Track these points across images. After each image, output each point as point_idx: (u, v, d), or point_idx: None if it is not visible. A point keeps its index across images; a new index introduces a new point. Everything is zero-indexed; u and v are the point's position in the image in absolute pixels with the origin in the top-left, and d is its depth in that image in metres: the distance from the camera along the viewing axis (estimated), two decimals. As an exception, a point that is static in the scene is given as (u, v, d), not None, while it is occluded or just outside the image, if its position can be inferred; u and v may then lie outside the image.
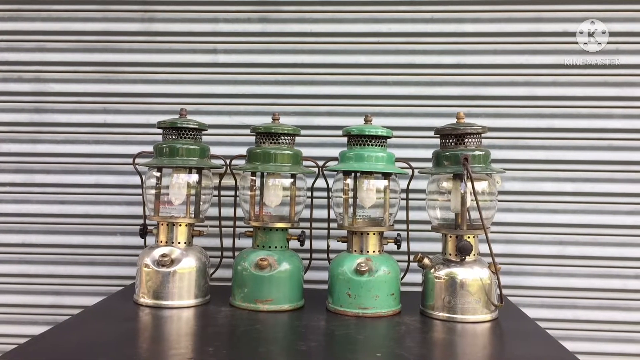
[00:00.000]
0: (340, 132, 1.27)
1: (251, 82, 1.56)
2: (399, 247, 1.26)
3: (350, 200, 1.25)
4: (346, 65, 1.55)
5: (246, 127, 1.35)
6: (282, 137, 1.25)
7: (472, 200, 1.14)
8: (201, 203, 1.29)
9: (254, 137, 1.28)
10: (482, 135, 1.20)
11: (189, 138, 1.26)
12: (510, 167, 1.50)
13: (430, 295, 1.19)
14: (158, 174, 1.28)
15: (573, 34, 1.52)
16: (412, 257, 1.23)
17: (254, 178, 1.27)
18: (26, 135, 1.58)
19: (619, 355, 1.50)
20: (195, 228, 1.28)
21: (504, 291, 1.18)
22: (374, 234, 1.22)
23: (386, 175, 1.24)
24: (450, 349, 1.04)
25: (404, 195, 1.32)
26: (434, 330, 1.11)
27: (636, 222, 1.51)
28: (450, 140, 1.20)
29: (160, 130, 1.29)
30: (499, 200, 1.26)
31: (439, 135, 1.23)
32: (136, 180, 1.40)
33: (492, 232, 1.19)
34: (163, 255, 1.20)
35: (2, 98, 1.58)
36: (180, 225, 1.25)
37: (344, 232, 1.26)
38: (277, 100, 1.55)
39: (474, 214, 1.19)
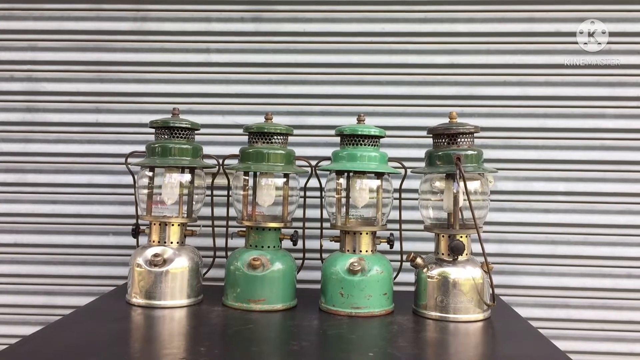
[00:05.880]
0: (333, 132, 1.27)
1: (244, 81, 1.56)
2: (391, 246, 1.26)
3: (343, 200, 1.25)
4: (339, 64, 1.55)
5: (239, 126, 1.35)
6: (275, 137, 1.25)
7: (464, 199, 1.14)
8: (194, 203, 1.29)
9: (247, 137, 1.28)
10: (475, 135, 1.21)
11: (181, 138, 1.26)
12: (503, 166, 1.50)
13: (422, 295, 1.19)
14: (150, 174, 1.27)
15: (567, 34, 1.52)
16: (404, 257, 1.23)
17: (247, 178, 1.27)
18: (18, 134, 1.57)
19: (611, 354, 1.50)
20: (188, 228, 1.28)
21: (497, 290, 1.18)
22: (367, 233, 1.22)
23: (379, 175, 1.24)
24: (442, 348, 1.04)
25: (396, 195, 1.32)
26: (426, 330, 1.11)
27: (628, 221, 1.51)
28: (443, 140, 1.20)
29: (153, 130, 1.28)
30: (491, 200, 1.26)
31: (431, 135, 1.23)
32: (129, 179, 1.40)
33: (484, 232, 1.19)
34: (155, 255, 1.20)
35: (-6, 97, 1.58)
36: (172, 225, 1.24)
37: (336, 232, 1.26)
38: (270, 100, 1.55)
39: (467, 214, 1.19)
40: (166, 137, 1.26)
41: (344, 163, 1.21)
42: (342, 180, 1.25)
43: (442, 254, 1.19)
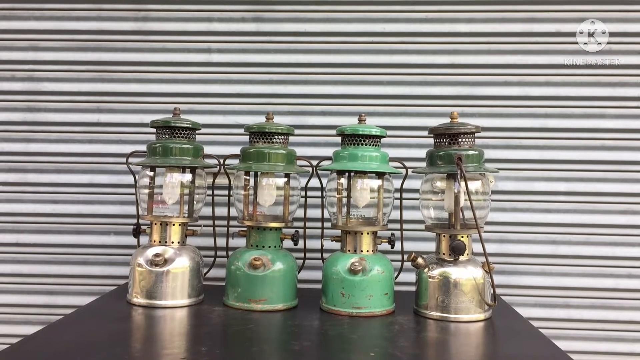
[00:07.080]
0: (334, 132, 1.27)
1: (245, 81, 1.56)
2: (392, 246, 1.26)
3: (344, 200, 1.25)
4: (340, 64, 1.55)
5: (240, 126, 1.35)
6: (276, 137, 1.25)
7: (465, 199, 1.14)
8: (195, 202, 1.29)
9: (248, 137, 1.28)
10: (476, 134, 1.21)
11: (182, 137, 1.26)
12: (504, 166, 1.50)
13: (423, 295, 1.19)
14: (151, 174, 1.27)
15: (567, 34, 1.53)
16: (405, 257, 1.23)
17: (248, 177, 1.27)
18: (19, 134, 1.57)
19: (611, 354, 1.50)
20: (189, 227, 1.28)
21: (498, 290, 1.18)
22: (368, 233, 1.22)
23: (380, 175, 1.24)
24: (443, 348, 1.04)
25: (397, 195, 1.32)
26: (427, 330, 1.11)
27: (628, 221, 1.52)
28: (444, 140, 1.20)
29: (154, 130, 1.28)
30: (492, 200, 1.26)
31: (432, 135, 1.23)
32: (130, 179, 1.40)
33: (485, 232, 1.19)
34: (156, 255, 1.20)
35: (-5, 97, 1.58)
36: (173, 224, 1.24)
37: (337, 232, 1.26)
38: (271, 100, 1.55)
39: (468, 214, 1.19)
40: (167, 136, 1.26)
41: (345, 163, 1.22)
42: (343, 180, 1.25)
43: (443, 253, 1.19)
